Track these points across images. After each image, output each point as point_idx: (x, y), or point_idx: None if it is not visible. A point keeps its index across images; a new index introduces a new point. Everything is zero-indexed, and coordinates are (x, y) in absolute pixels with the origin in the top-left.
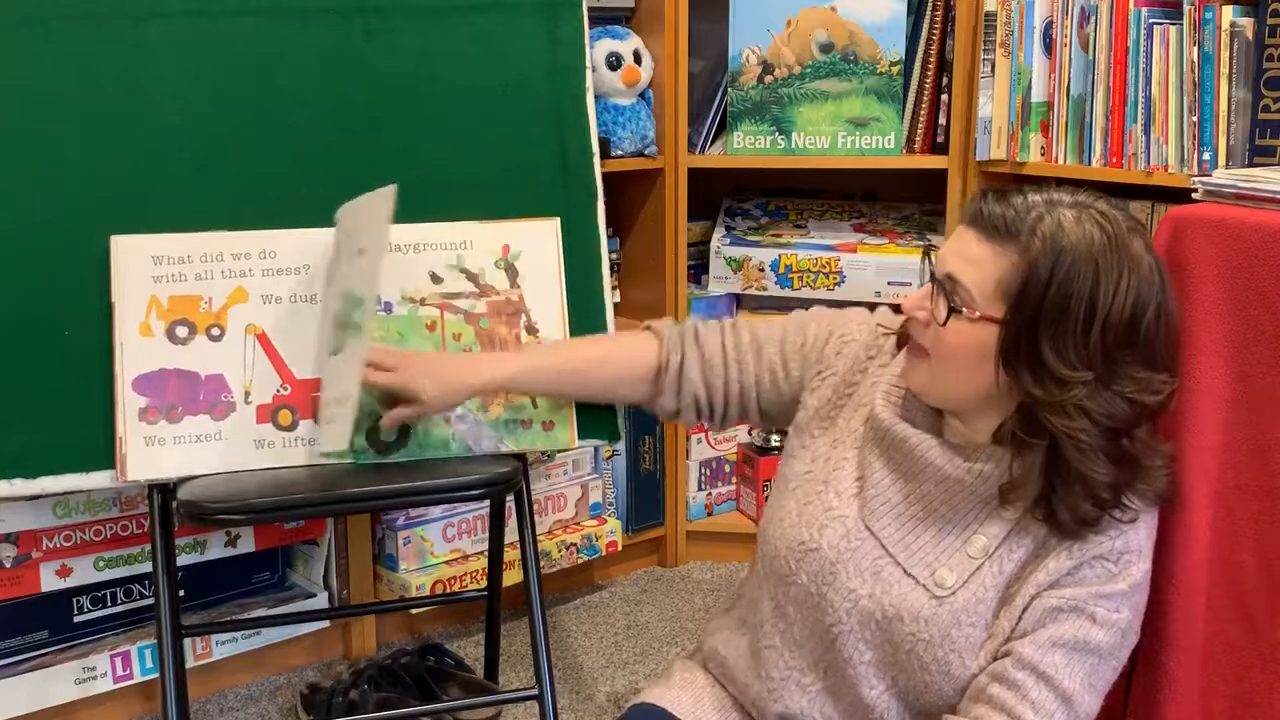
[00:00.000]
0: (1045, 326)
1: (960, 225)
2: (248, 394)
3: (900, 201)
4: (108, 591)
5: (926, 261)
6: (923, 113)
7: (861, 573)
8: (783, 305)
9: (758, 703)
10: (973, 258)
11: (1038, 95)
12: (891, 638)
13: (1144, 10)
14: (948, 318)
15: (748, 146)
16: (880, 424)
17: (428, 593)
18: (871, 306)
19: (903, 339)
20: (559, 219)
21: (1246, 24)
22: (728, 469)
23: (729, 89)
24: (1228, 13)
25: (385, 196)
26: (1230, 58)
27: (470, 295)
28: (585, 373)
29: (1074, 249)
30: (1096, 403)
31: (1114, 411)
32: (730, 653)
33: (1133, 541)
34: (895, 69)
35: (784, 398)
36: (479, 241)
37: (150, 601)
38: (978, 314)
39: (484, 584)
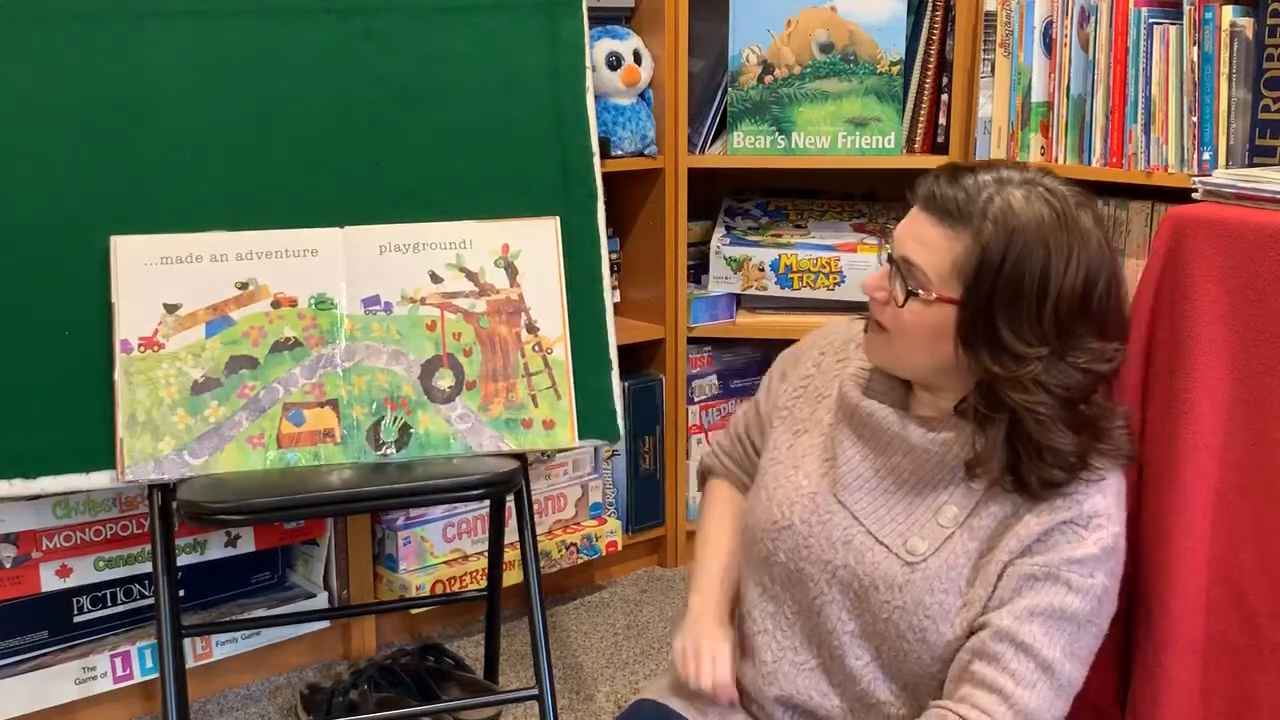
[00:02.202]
0: (1000, 306)
1: (914, 207)
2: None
3: (900, 201)
4: (108, 591)
5: (883, 242)
6: (923, 113)
7: (834, 544)
8: (783, 305)
9: (752, 690)
10: (927, 240)
11: (1038, 95)
12: (869, 606)
13: (1144, 10)
14: (906, 300)
15: (748, 146)
16: (848, 402)
17: (428, 593)
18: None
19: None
20: (558, 217)
21: (1246, 24)
22: None
23: (729, 89)
24: (1228, 13)
25: None
26: (1230, 58)
27: (470, 294)
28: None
29: (1025, 229)
30: (1053, 375)
31: (1070, 382)
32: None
33: (1100, 505)
34: (895, 69)
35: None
36: (478, 241)
37: (150, 601)
38: (934, 296)
39: (484, 584)
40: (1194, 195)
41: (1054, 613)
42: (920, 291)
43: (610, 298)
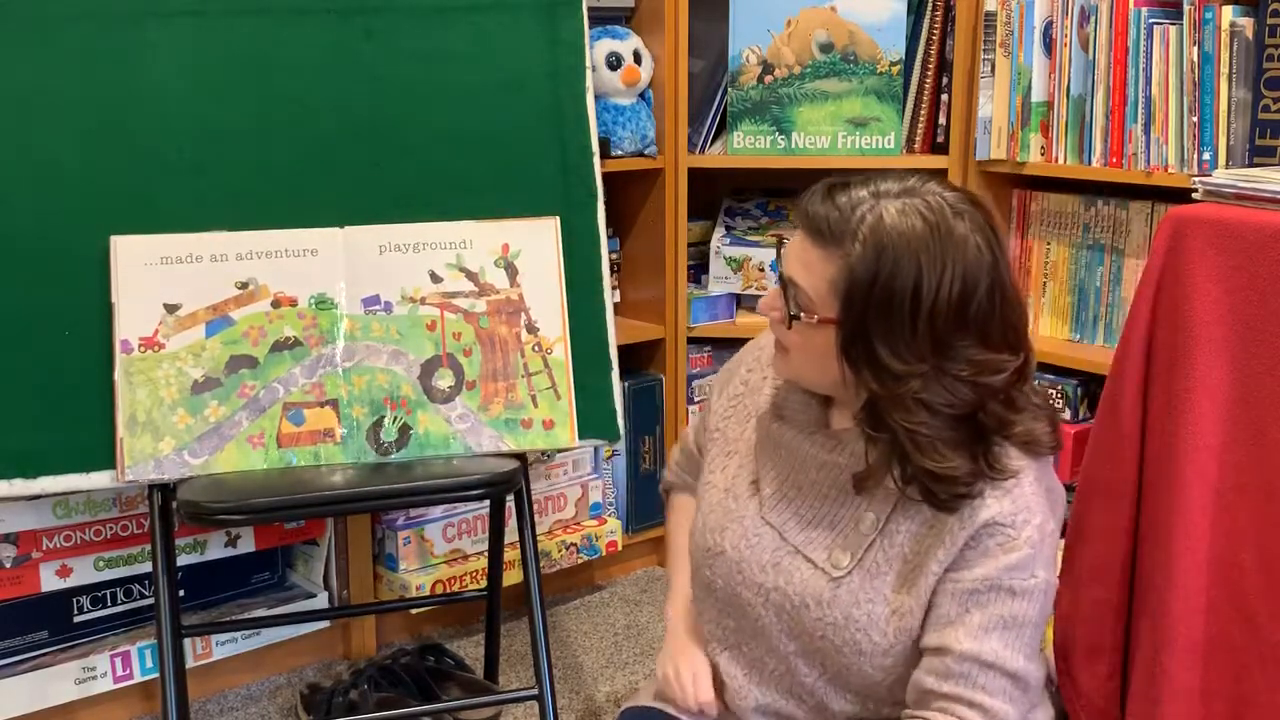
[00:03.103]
0: (874, 324)
1: (797, 226)
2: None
3: None
4: (108, 591)
5: (779, 255)
6: (923, 113)
7: (764, 567)
8: None
9: (732, 707)
10: (806, 261)
11: (1038, 95)
12: (804, 626)
13: (1144, 10)
14: (790, 322)
15: (748, 146)
16: (762, 426)
17: (428, 593)
18: None
19: None
20: (558, 217)
21: (1246, 24)
22: None
23: (729, 89)
24: (1228, 13)
25: None
26: (1230, 58)
27: (470, 294)
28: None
29: (894, 246)
30: (934, 392)
31: (955, 398)
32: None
33: (1020, 500)
34: (895, 69)
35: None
36: (478, 241)
37: (150, 601)
38: (815, 318)
39: (484, 584)
40: (1194, 195)
41: (1008, 623)
42: (802, 314)
43: (610, 298)
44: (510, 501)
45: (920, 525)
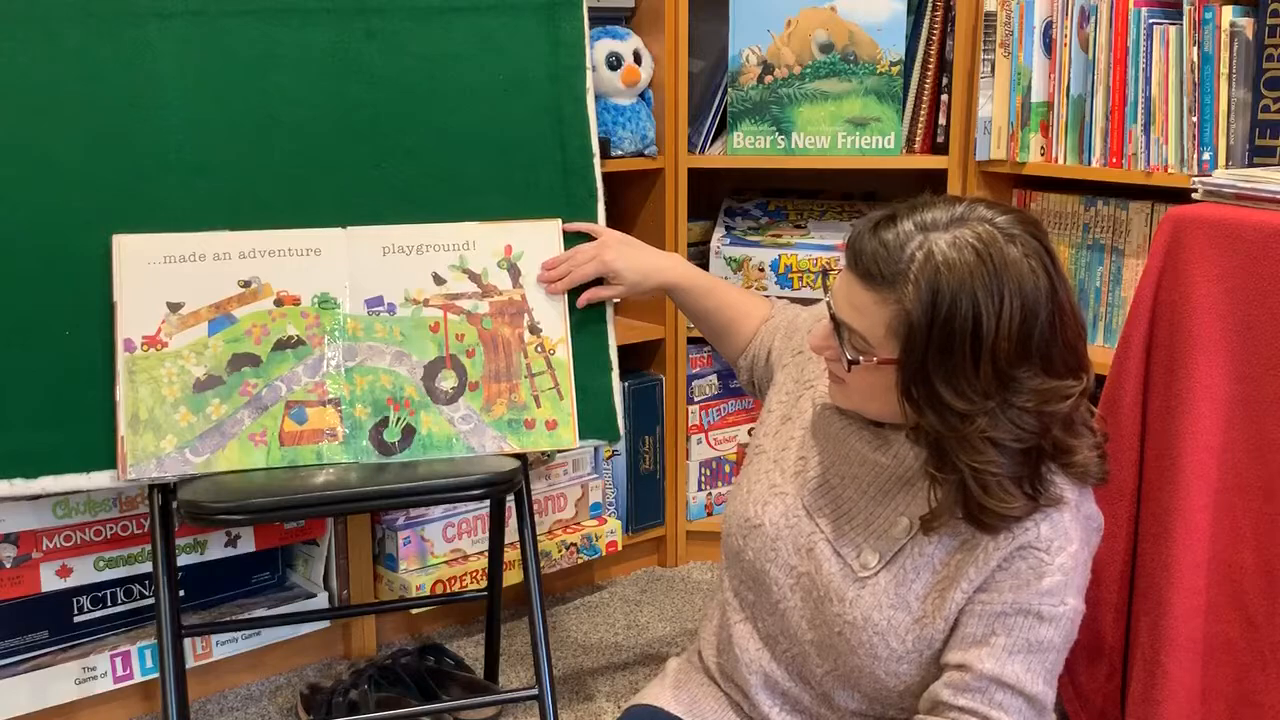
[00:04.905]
0: (935, 366)
1: (844, 265)
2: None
3: (900, 203)
4: (108, 591)
5: (826, 292)
6: (923, 113)
7: (799, 550)
8: None
9: (736, 678)
10: (858, 304)
11: (1038, 95)
12: (825, 618)
13: (1144, 10)
14: (849, 367)
15: (748, 146)
16: (815, 408)
17: (428, 593)
18: None
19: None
20: (560, 219)
21: (1246, 24)
22: (728, 469)
23: (729, 89)
24: (1228, 13)
25: None
26: (1230, 58)
27: (473, 296)
28: (722, 307)
29: (950, 285)
30: (1001, 429)
31: (1022, 431)
32: (706, 633)
33: (1058, 525)
34: (895, 69)
35: (759, 375)
36: (481, 242)
37: (150, 601)
38: (875, 360)
39: (484, 584)
40: (1194, 195)
41: (1032, 647)
42: (861, 358)
43: None
44: (510, 501)
45: (954, 538)
